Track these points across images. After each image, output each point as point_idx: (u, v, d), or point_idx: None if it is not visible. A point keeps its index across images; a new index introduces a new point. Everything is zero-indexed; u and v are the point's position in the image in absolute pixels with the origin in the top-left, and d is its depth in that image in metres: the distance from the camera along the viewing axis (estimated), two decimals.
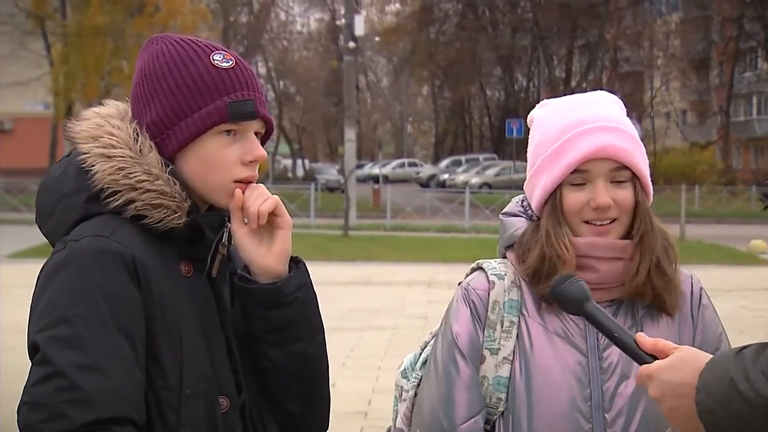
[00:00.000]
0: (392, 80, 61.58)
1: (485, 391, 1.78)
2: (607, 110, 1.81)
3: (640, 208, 1.77)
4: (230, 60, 1.62)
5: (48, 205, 1.62)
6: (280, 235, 1.64)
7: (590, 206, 1.75)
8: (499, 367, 1.78)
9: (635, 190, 1.76)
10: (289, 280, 1.64)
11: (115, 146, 1.58)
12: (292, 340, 1.65)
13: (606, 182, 1.75)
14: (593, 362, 1.76)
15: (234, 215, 1.63)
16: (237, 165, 1.60)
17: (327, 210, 28.02)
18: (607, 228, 1.76)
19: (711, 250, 18.17)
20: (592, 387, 1.75)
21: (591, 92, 1.90)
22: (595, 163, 1.75)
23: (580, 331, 1.78)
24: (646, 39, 49.57)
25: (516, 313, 1.79)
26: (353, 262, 16.30)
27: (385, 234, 22.44)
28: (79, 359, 1.42)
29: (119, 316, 1.48)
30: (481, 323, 1.80)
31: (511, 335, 1.78)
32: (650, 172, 1.83)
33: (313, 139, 63.89)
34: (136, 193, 1.55)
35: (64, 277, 1.49)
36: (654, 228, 1.78)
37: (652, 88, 51.01)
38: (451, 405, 1.76)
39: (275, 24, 51.92)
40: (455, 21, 50.59)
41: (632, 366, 1.71)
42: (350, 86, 27.99)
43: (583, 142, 1.75)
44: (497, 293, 1.81)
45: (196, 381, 1.55)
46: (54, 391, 1.41)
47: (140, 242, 1.54)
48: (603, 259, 1.75)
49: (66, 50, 32.88)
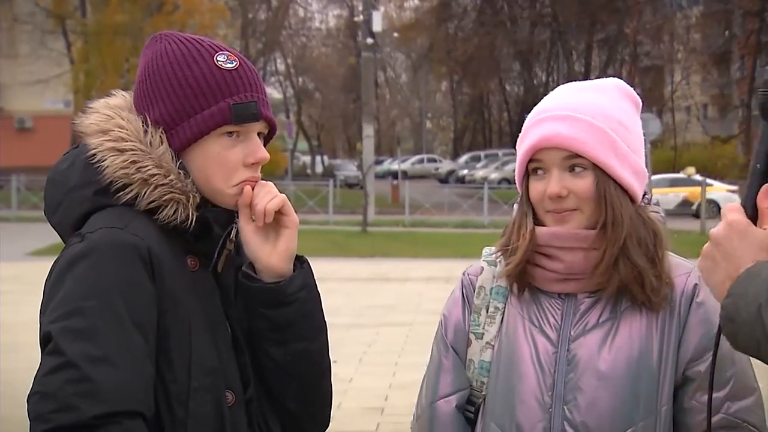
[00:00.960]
0: (411, 76, 61.53)
1: (472, 374, 1.82)
2: (577, 98, 1.76)
3: (602, 198, 1.72)
4: (234, 61, 1.61)
5: (55, 198, 1.62)
6: (286, 234, 1.64)
7: (546, 195, 1.74)
8: (483, 351, 1.81)
9: (597, 179, 1.72)
10: (292, 279, 1.63)
11: (125, 139, 1.57)
12: (293, 340, 1.65)
13: (561, 171, 1.73)
14: (561, 353, 1.75)
15: (242, 212, 1.63)
16: (239, 167, 1.60)
17: (346, 206, 28.09)
18: (565, 216, 1.74)
19: None
20: (556, 377, 1.74)
21: (590, 80, 1.86)
22: (547, 153, 1.73)
23: (555, 321, 1.77)
24: (666, 33, 49.21)
25: (502, 300, 1.82)
26: (372, 258, 16.31)
27: (403, 230, 22.46)
28: (91, 351, 1.42)
29: (133, 309, 1.48)
30: (469, 308, 1.85)
31: (494, 321, 1.81)
32: (644, 162, 1.76)
33: (331, 136, 63.95)
34: (148, 187, 1.55)
35: (80, 268, 1.49)
36: (620, 220, 1.71)
37: (673, 82, 50.64)
38: (435, 385, 1.84)
39: (293, 21, 51.99)
40: (474, 16, 50.46)
41: (599, 359, 1.72)
42: (369, 82, 28.00)
43: (534, 132, 1.74)
44: (484, 279, 1.85)
45: (203, 375, 1.55)
46: (65, 382, 1.40)
47: (154, 234, 1.54)
48: (565, 249, 1.73)
49: (86, 48, 33.11)
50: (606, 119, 1.73)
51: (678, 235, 1.88)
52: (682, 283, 1.76)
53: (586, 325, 1.75)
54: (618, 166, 1.72)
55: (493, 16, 47.89)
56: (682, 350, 1.73)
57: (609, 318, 1.74)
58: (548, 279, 1.77)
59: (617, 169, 1.72)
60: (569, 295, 1.77)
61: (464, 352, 1.83)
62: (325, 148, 61.46)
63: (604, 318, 1.75)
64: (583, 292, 1.76)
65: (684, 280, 1.77)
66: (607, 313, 1.75)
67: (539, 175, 1.76)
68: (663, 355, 1.73)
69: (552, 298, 1.78)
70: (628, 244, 1.71)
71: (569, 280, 1.75)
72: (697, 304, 1.75)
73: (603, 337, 1.74)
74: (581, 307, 1.76)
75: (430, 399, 1.83)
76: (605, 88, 1.80)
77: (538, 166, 1.75)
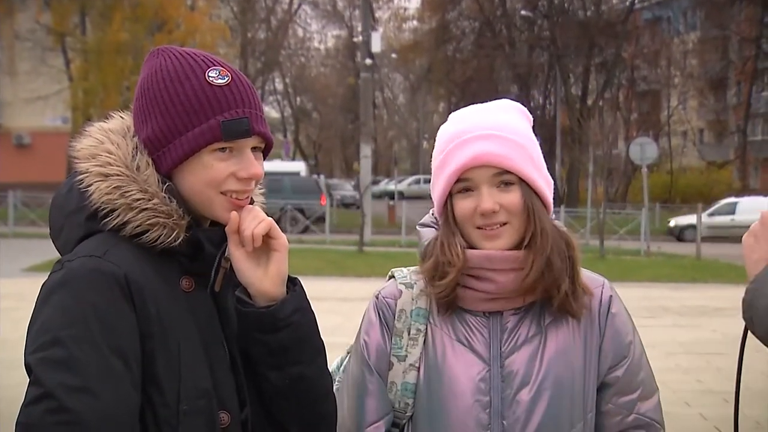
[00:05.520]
0: (409, 97, 61.73)
1: (394, 396, 1.84)
2: (493, 118, 1.82)
3: (529, 210, 1.78)
4: (226, 76, 1.60)
5: (57, 222, 1.64)
6: (276, 257, 1.63)
7: (477, 212, 1.78)
8: (406, 373, 1.83)
9: (523, 193, 1.78)
10: (284, 304, 1.63)
11: (111, 164, 1.58)
12: (289, 364, 1.64)
13: (491, 187, 1.78)
14: (495, 370, 1.79)
15: (231, 238, 1.62)
16: (230, 179, 1.59)
17: (342, 226, 28.06)
18: (498, 232, 1.79)
19: (727, 270, 18.06)
20: (492, 394, 1.78)
21: (491, 102, 1.91)
22: (476, 171, 1.78)
23: (484, 339, 1.81)
24: (664, 58, 49.46)
25: (423, 321, 1.85)
26: (368, 278, 16.28)
27: (400, 250, 22.43)
28: (69, 381, 1.42)
29: (112, 336, 1.47)
30: (389, 331, 1.86)
31: (417, 342, 1.84)
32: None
33: (329, 156, 64.06)
34: (132, 212, 1.55)
35: (58, 298, 1.49)
36: (546, 230, 1.78)
37: (669, 106, 50.79)
38: (361, 412, 1.84)
39: (293, 41, 52.23)
40: (472, 39, 50.67)
41: (532, 373, 1.77)
42: (367, 103, 28.07)
43: (461, 152, 1.79)
44: (404, 302, 1.87)
45: (195, 397, 1.54)
46: (43, 412, 1.41)
47: (135, 261, 1.54)
48: (499, 271, 1.78)
49: (85, 66, 33.18)
50: (522, 137, 1.81)
51: (675, 259, 1.90)
52: (598, 294, 1.86)
53: (516, 341, 1.81)
54: (538, 179, 1.81)
55: (491, 39, 48.08)
56: (602, 358, 1.83)
57: (536, 333, 1.81)
58: (476, 299, 1.81)
59: (538, 182, 1.80)
60: (493, 312, 1.82)
61: (386, 374, 1.85)
62: (323, 168, 61.54)
63: (532, 333, 1.81)
64: (508, 309, 1.81)
65: (600, 292, 1.87)
66: (534, 328, 1.82)
67: (466, 193, 1.80)
68: (587, 364, 1.82)
69: (477, 316, 1.83)
70: (551, 254, 1.77)
71: (498, 299, 1.80)
72: (612, 315, 1.86)
73: (533, 351, 1.80)
74: (508, 325, 1.82)
75: (357, 425, 1.84)
76: (508, 108, 1.87)
77: (466, 186, 1.80)
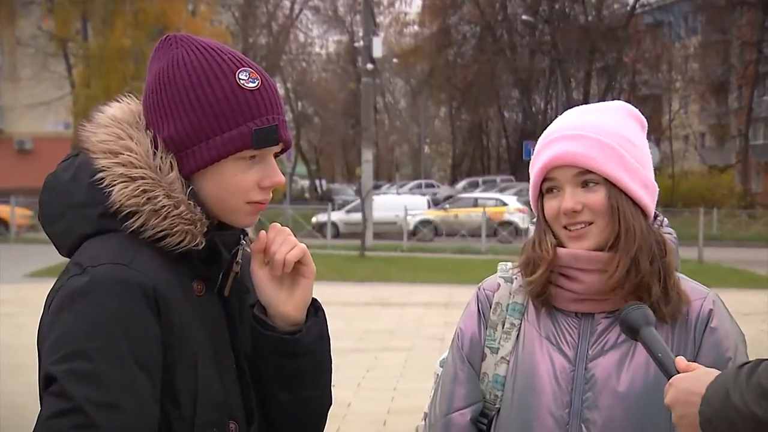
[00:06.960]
0: (410, 102, 61.67)
1: (485, 387, 1.86)
2: (583, 118, 1.83)
3: (614, 210, 1.77)
4: (256, 79, 1.53)
5: (54, 209, 1.55)
6: (304, 283, 1.60)
7: (561, 211, 1.80)
8: (497, 365, 1.85)
9: (608, 193, 1.78)
10: (309, 330, 1.60)
11: (135, 165, 1.50)
12: (300, 388, 1.62)
13: (575, 187, 1.79)
14: (579, 371, 1.79)
15: (255, 257, 1.59)
16: (254, 189, 1.55)
17: (344, 231, 28.05)
18: (581, 232, 1.79)
19: (729, 274, 18.05)
20: (573, 395, 1.78)
21: (596, 103, 1.93)
22: (559, 171, 1.80)
23: (572, 340, 1.81)
24: (665, 62, 49.44)
25: (518, 316, 1.87)
26: (370, 283, 16.29)
27: (401, 255, 22.43)
28: (97, 396, 1.38)
29: (138, 350, 1.43)
30: (485, 322, 1.89)
31: (510, 336, 1.86)
32: (649, 189, 1.81)
33: (330, 161, 64.01)
34: (158, 218, 1.49)
35: (82, 306, 1.42)
36: (632, 231, 1.77)
37: (671, 111, 50.76)
38: (450, 398, 1.87)
39: (294, 45, 52.22)
40: (473, 43, 50.69)
41: (616, 380, 1.76)
42: (368, 108, 28.07)
43: (546, 152, 1.81)
44: (501, 295, 1.89)
45: (210, 410, 1.52)
46: (71, 427, 1.37)
47: (160, 270, 1.49)
48: (586, 271, 1.79)
49: (87, 72, 33.20)
50: (612, 136, 1.80)
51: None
52: (697, 307, 1.81)
53: (604, 346, 1.79)
54: (628, 180, 1.78)
55: (492, 44, 48.10)
56: None
57: (627, 339, 1.77)
58: (566, 299, 1.82)
59: (627, 183, 1.78)
60: (585, 314, 1.82)
61: (479, 365, 1.87)
62: (324, 173, 61.52)
63: (622, 339, 1.78)
64: (600, 312, 1.81)
65: (700, 305, 1.81)
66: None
67: (553, 193, 1.82)
68: None
69: (569, 317, 1.83)
70: (638, 255, 1.76)
71: (587, 300, 1.80)
72: (711, 330, 1.79)
73: (621, 357, 1.78)
74: (598, 327, 1.81)
75: (445, 410, 1.86)
76: (610, 109, 1.88)
77: (552, 185, 1.82)
